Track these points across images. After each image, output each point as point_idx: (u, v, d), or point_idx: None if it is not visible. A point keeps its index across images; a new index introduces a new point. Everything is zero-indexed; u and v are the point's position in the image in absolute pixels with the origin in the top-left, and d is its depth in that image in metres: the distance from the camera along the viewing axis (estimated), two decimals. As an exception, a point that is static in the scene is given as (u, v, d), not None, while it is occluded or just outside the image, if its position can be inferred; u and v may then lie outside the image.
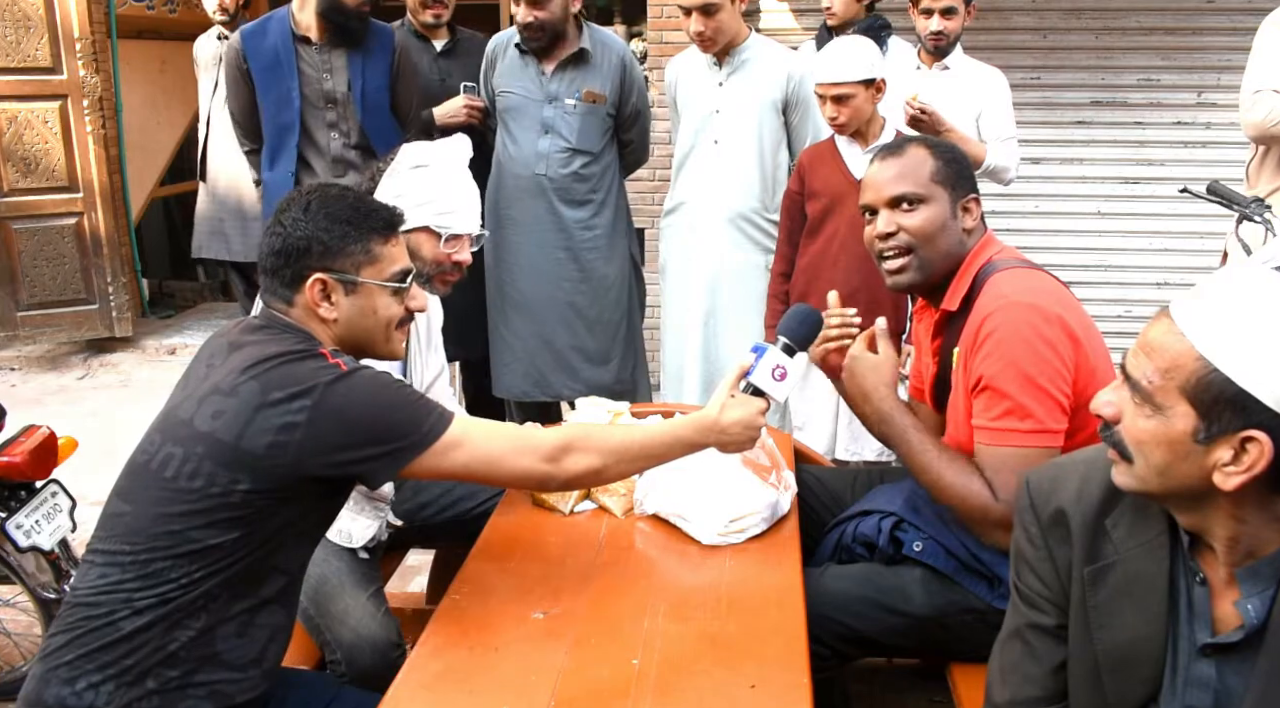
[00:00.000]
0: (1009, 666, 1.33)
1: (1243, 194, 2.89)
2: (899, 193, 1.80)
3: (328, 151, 3.24)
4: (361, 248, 1.52)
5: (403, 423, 1.44)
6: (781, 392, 1.64)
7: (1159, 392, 1.09)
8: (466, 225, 2.05)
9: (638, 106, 3.28)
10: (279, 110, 3.21)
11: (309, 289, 1.50)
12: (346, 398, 1.41)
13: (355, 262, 1.52)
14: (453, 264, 2.04)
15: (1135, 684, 1.20)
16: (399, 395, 1.46)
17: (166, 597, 1.38)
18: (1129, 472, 1.15)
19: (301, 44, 3.19)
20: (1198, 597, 1.17)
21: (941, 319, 1.84)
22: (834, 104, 2.75)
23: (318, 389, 1.40)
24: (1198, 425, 1.07)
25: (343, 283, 1.52)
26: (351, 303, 1.53)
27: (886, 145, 1.88)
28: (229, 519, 1.38)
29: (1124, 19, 4.43)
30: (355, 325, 1.55)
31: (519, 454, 1.51)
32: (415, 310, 1.62)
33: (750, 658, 1.42)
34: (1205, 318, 1.07)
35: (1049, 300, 1.68)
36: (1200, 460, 1.08)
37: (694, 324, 3.27)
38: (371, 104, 3.23)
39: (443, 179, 2.03)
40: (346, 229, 1.51)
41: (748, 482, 1.85)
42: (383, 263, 1.54)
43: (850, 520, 1.90)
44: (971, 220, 1.81)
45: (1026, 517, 1.30)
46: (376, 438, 1.42)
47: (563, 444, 1.52)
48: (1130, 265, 4.62)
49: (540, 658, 1.43)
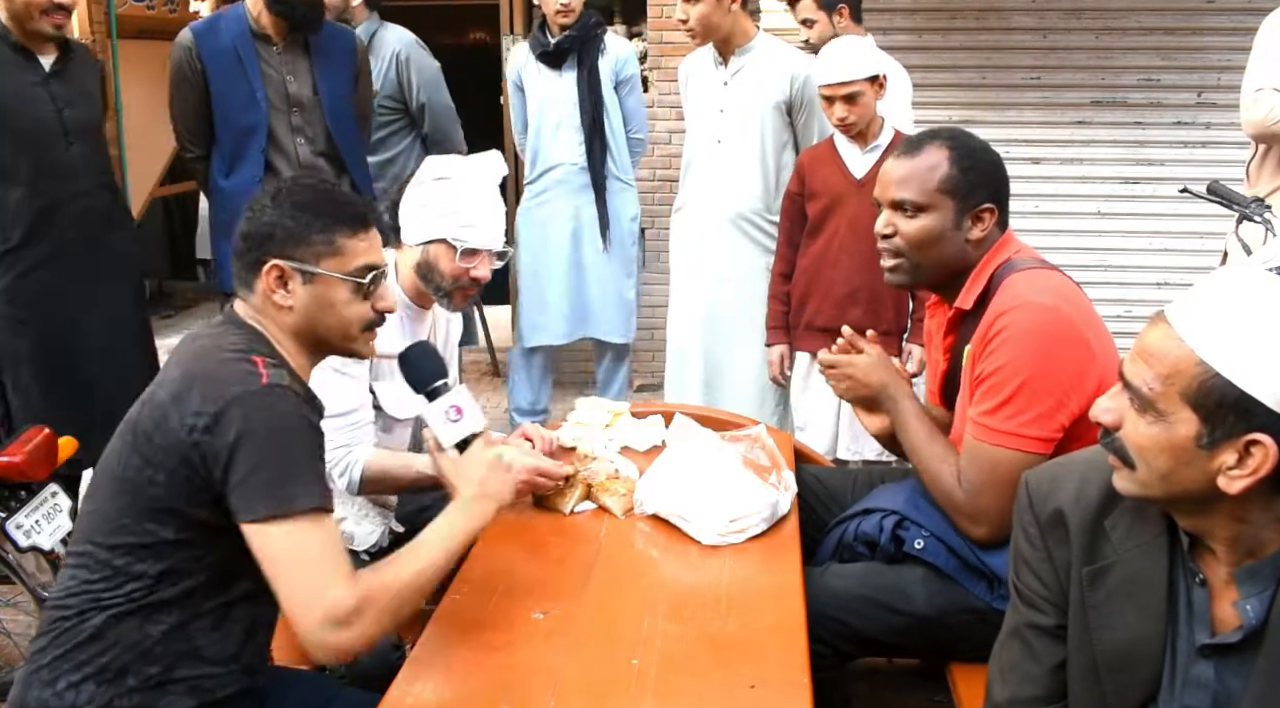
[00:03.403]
0: (1008, 665, 1.33)
1: (1243, 194, 2.89)
2: (900, 198, 1.78)
3: (294, 157, 3.03)
4: (325, 238, 1.48)
5: (272, 477, 1.34)
6: (474, 422, 1.60)
7: (1160, 398, 1.08)
8: (485, 241, 2.01)
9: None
10: (240, 113, 2.98)
11: (265, 275, 1.47)
12: (244, 421, 1.34)
13: (316, 251, 1.48)
14: (470, 279, 2.02)
15: (1134, 685, 1.20)
16: (291, 446, 1.37)
17: (132, 595, 1.38)
18: (1131, 477, 1.14)
19: (262, 43, 2.99)
20: (1197, 598, 1.17)
21: (955, 317, 1.83)
22: (844, 104, 2.74)
23: (224, 399, 1.35)
24: (1201, 431, 1.06)
25: (300, 272, 1.48)
26: (308, 293, 1.49)
27: (910, 139, 1.84)
28: (163, 510, 1.38)
29: (1124, 19, 4.42)
30: (312, 317, 1.50)
31: (311, 593, 1.32)
32: (383, 311, 1.56)
33: (750, 658, 1.42)
34: (1204, 322, 1.06)
35: (1066, 305, 1.66)
36: (1204, 465, 1.07)
37: (696, 324, 3.27)
38: (337, 109, 3.07)
39: (465, 192, 1.99)
40: (311, 218, 1.48)
41: (748, 482, 1.85)
42: (346, 256, 1.50)
43: (852, 519, 1.90)
44: (980, 230, 1.77)
45: (1025, 517, 1.30)
46: (244, 474, 1.34)
47: (356, 606, 1.32)
48: (1130, 265, 4.61)
49: (540, 658, 1.43)
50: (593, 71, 3.58)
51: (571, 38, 3.53)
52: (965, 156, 1.76)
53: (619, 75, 3.67)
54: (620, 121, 3.68)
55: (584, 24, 3.56)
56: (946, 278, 1.82)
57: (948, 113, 4.48)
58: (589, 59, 3.58)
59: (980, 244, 1.78)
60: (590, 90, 3.57)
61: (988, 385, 1.67)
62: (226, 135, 3.04)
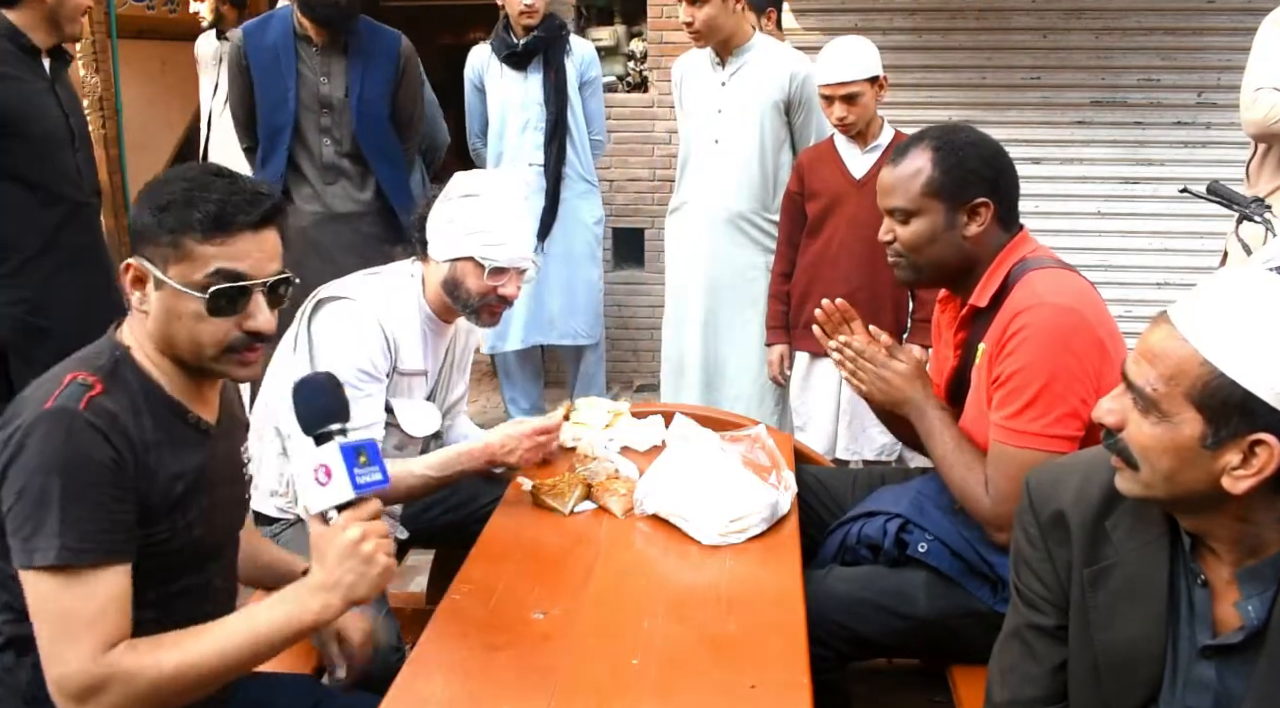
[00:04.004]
0: (1009, 666, 1.33)
1: (1243, 194, 2.89)
2: (891, 206, 1.82)
3: (319, 157, 3.14)
4: (171, 240, 1.28)
5: (21, 521, 1.20)
6: (340, 490, 1.22)
7: (1164, 399, 1.08)
8: (513, 259, 1.99)
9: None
10: (274, 111, 3.12)
11: (123, 273, 1.32)
12: (15, 450, 1.21)
13: (163, 254, 1.29)
14: (498, 297, 2.01)
15: (1135, 685, 1.20)
16: (47, 489, 1.19)
17: (2, 629, 1.30)
18: (1135, 478, 1.14)
19: (303, 44, 3.10)
20: (1198, 598, 1.17)
21: (968, 313, 1.83)
22: (844, 104, 2.74)
23: (10, 424, 1.23)
24: (1205, 431, 1.06)
25: (153, 276, 1.30)
26: (158, 299, 1.31)
27: (898, 147, 1.86)
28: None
29: (1124, 19, 4.42)
30: (166, 328, 1.32)
31: (49, 656, 1.19)
32: (255, 333, 1.32)
33: (750, 658, 1.42)
34: (1208, 322, 1.06)
35: (1084, 306, 1.66)
36: (1208, 465, 1.07)
37: (694, 324, 3.27)
38: (367, 113, 3.12)
39: (491, 210, 1.98)
40: (161, 215, 1.29)
41: (748, 482, 1.85)
42: (194, 263, 1.28)
43: (854, 521, 1.90)
44: (977, 226, 1.77)
45: (1026, 518, 1.30)
46: (5, 510, 1.21)
47: (93, 684, 1.17)
48: (1130, 265, 4.61)
49: (540, 658, 1.43)
50: (559, 73, 3.59)
51: (539, 39, 3.54)
52: (949, 156, 1.77)
53: (583, 77, 3.68)
54: (584, 123, 3.68)
55: (550, 25, 3.56)
56: (952, 274, 1.82)
57: (948, 113, 4.48)
58: (555, 60, 3.58)
59: (982, 239, 1.78)
60: (556, 92, 3.58)
61: (1009, 388, 1.66)
62: (262, 130, 3.18)
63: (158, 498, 1.30)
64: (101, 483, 1.22)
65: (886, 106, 3.30)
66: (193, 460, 1.35)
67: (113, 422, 1.25)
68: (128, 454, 1.25)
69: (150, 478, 1.29)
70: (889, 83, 2.83)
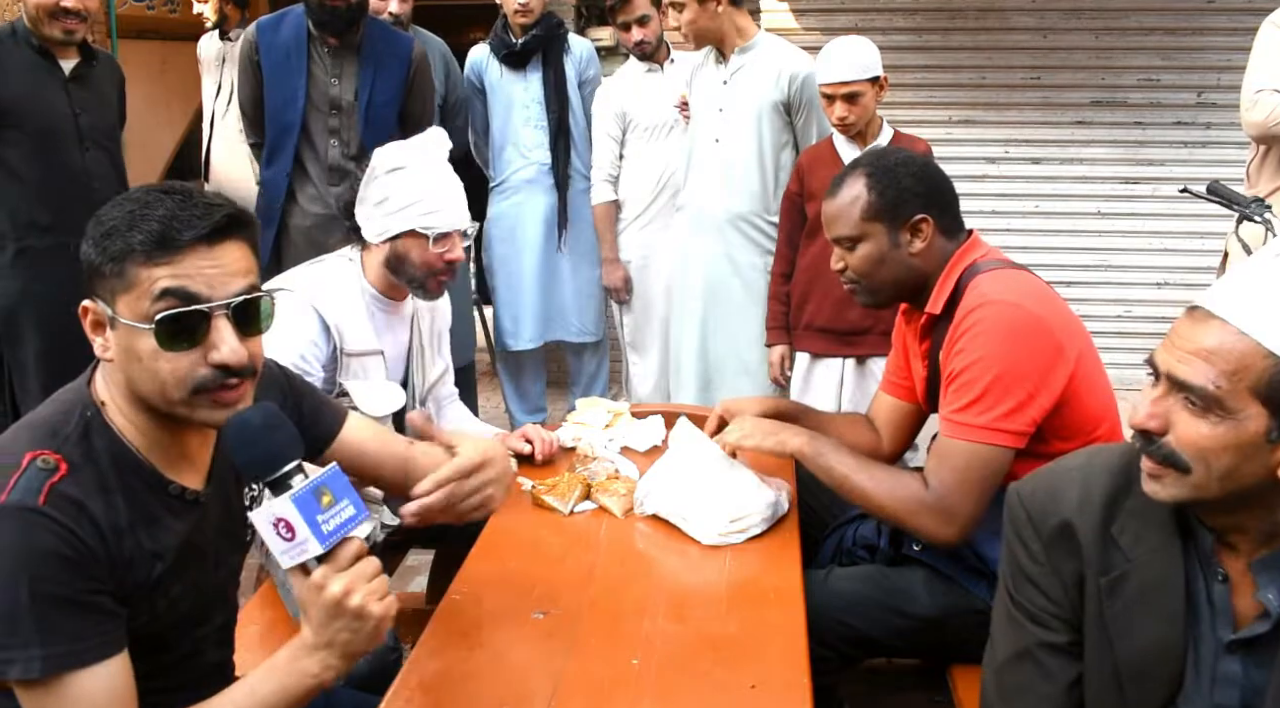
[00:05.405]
0: (1015, 688, 1.29)
1: (1243, 194, 2.89)
2: (836, 236, 1.86)
3: (325, 158, 3.13)
4: (115, 270, 1.10)
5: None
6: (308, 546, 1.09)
7: (1229, 396, 1.04)
8: (453, 222, 2.00)
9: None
10: (283, 109, 3.10)
11: (82, 317, 1.16)
12: None
13: (110, 287, 1.12)
14: (445, 264, 2.01)
15: (1157, 688, 1.18)
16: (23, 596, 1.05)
17: None
18: (1183, 482, 1.09)
19: (315, 44, 3.09)
20: (1218, 594, 1.15)
21: (927, 322, 1.85)
22: (844, 104, 2.75)
23: None
24: (1271, 424, 1.04)
25: (105, 315, 1.13)
26: (115, 341, 1.14)
27: (835, 178, 1.89)
28: None
29: (1124, 19, 4.42)
30: (129, 373, 1.14)
31: None
32: (222, 365, 1.13)
33: (750, 658, 1.42)
34: (1265, 312, 1.03)
35: (1031, 301, 1.68)
36: (1266, 458, 1.05)
37: (692, 324, 3.27)
38: (376, 116, 3.10)
39: (421, 178, 1.98)
40: (105, 243, 1.11)
41: (748, 482, 1.85)
42: (140, 291, 1.10)
43: (850, 523, 1.90)
44: (921, 241, 1.80)
45: (1026, 532, 1.26)
46: None
47: None
48: (1130, 265, 4.61)
49: (540, 658, 1.43)
50: (559, 72, 3.59)
51: (538, 38, 3.54)
52: (882, 179, 1.81)
53: (582, 76, 3.69)
54: (585, 120, 3.69)
55: (547, 24, 3.57)
56: (908, 291, 1.86)
57: (948, 113, 4.49)
58: (554, 59, 3.59)
59: (928, 253, 1.81)
60: (556, 91, 3.58)
61: (959, 383, 1.68)
62: (270, 128, 3.15)
63: (133, 585, 1.16)
64: (75, 579, 1.08)
65: (886, 106, 3.30)
66: (172, 537, 1.20)
67: (79, 512, 1.10)
68: (97, 546, 1.11)
69: (125, 565, 1.14)
70: (889, 83, 2.83)
